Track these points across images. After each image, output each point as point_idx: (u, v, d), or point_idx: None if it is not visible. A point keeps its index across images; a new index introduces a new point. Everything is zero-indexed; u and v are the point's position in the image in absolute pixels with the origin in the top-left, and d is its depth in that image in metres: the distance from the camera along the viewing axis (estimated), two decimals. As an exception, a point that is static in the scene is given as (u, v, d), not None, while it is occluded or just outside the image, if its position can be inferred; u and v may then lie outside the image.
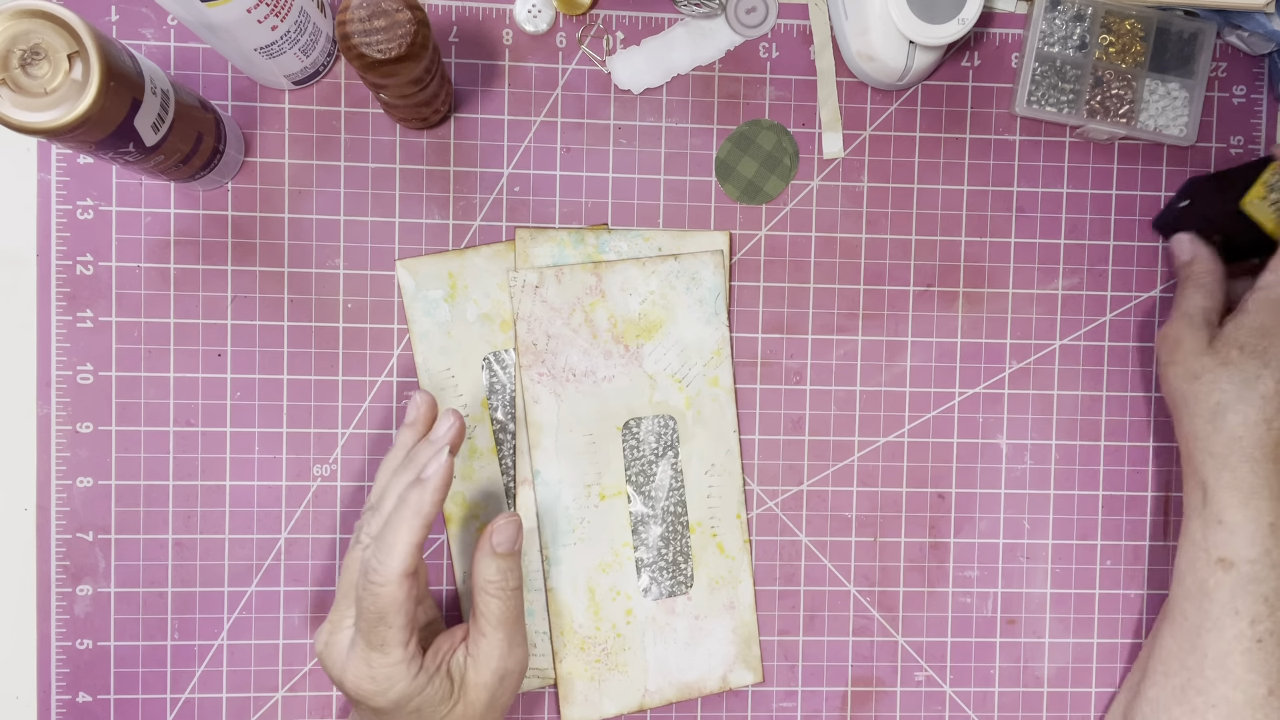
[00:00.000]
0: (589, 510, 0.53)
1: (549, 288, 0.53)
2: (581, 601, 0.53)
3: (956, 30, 0.48)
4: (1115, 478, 0.57)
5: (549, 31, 0.54)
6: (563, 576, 0.53)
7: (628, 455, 0.54)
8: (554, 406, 0.53)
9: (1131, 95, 0.54)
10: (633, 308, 0.53)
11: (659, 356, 0.53)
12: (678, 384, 0.54)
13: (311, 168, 0.53)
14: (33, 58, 0.37)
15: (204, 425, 0.53)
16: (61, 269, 0.52)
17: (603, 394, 0.53)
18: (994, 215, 0.56)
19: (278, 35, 0.46)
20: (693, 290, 0.53)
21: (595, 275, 0.53)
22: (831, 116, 0.55)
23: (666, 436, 0.54)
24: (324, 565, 0.54)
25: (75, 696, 0.53)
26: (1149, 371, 0.57)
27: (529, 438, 0.53)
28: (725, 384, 0.54)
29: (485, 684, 0.44)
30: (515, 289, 0.53)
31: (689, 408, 0.54)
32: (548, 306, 0.53)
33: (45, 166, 0.52)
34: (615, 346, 0.53)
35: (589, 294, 0.53)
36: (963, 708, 0.57)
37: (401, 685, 0.42)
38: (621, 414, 0.53)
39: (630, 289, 0.53)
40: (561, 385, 0.53)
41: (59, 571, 0.53)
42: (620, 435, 0.53)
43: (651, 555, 0.54)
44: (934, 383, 0.56)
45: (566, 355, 0.53)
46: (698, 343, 0.54)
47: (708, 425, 0.54)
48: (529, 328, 0.53)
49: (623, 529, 0.54)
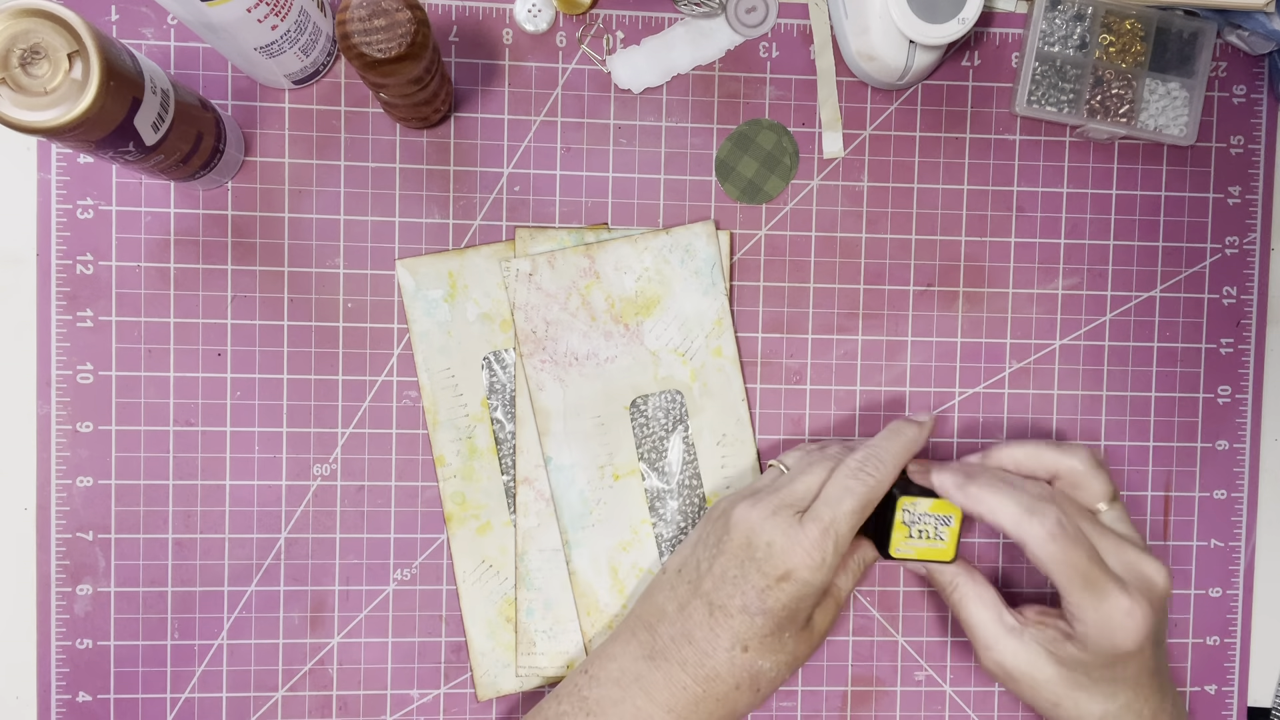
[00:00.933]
0: (604, 491, 0.54)
1: (543, 274, 0.53)
2: (605, 581, 0.54)
3: (956, 30, 0.48)
4: (1115, 477, 0.57)
5: (549, 31, 0.54)
6: (584, 558, 0.54)
7: (638, 433, 0.54)
8: (559, 393, 0.53)
9: (1131, 95, 0.54)
10: (629, 286, 0.53)
11: (660, 332, 0.54)
12: (681, 358, 0.54)
13: (311, 167, 0.53)
14: (33, 57, 0.37)
15: (204, 425, 0.53)
16: (61, 268, 0.52)
17: (607, 375, 0.53)
18: (994, 215, 0.56)
19: (278, 35, 0.46)
20: (687, 262, 0.53)
21: (588, 257, 0.53)
22: (831, 116, 0.55)
23: (675, 411, 0.54)
24: (324, 565, 0.54)
25: (75, 696, 0.53)
26: (1149, 371, 0.57)
27: (537, 425, 0.53)
28: (729, 353, 0.54)
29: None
30: (509, 278, 0.53)
31: (695, 380, 0.54)
32: (543, 293, 0.53)
33: (45, 166, 0.52)
34: (615, 327, 0.53)
35: (583, 276, 0.53)
36: (963, 708, 0.57)
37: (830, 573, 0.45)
38: (628, 393, 0.54)
39: (624, 267, 0.53)
40: (565, 371, 0.53)
41: (59, 571, 0.53)
42: (629, 414, 0.54)
43: (671, 530, 0.54)
44: (934, 383, 0.56)
45: (567, 340, 0.53)
46: (697, 315, 0.54)
47: (715, 396, 0.54)
48: (527, 316, 0.53)
49: (640, 507, 0.54)
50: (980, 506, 0.45)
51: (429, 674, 0.54)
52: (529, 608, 0.54)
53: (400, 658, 0.54)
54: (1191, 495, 0.57)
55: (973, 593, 0.47)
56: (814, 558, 0.44)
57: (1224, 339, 0.57)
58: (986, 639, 0.47)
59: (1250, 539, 0.58)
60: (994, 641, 0.46)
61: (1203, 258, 0.57)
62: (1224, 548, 0.58)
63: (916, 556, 0.47)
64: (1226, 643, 0.58)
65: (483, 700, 0.54)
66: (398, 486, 0.54)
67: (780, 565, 0.44)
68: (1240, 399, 0.57)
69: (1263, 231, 0.57)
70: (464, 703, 0.54)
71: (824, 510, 0.45)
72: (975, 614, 0.47)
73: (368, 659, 0.54)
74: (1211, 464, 0.57)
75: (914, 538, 0.47)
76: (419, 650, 0.54)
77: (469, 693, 0.54)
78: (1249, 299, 0.57)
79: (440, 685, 0.54)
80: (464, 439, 0.54)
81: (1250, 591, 0.58)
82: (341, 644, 0.54)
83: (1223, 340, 0.57)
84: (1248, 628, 0.58)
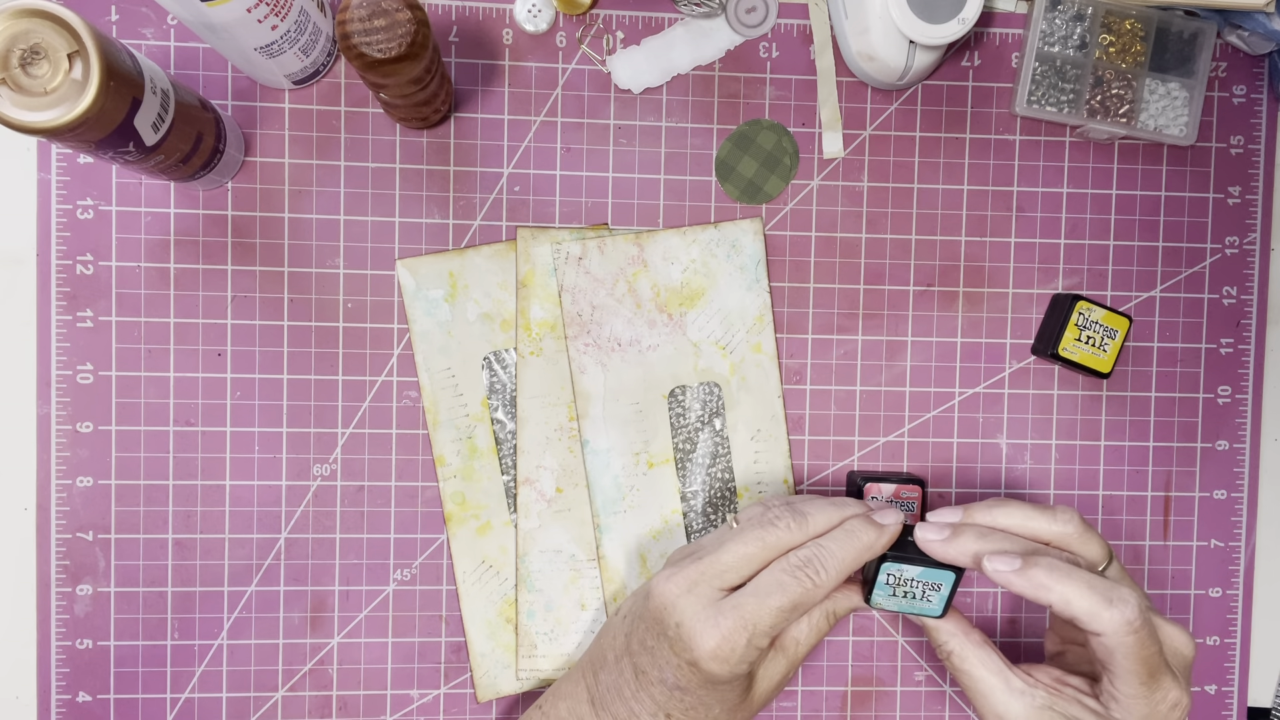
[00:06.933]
0: (638, 478, 0.54)
1: (592, 259, 0.53)
2: (634, 568, 0.54)
3: (956, 30, 0.48)
4: (1115, 478, 0.57)
5: (549, 31, 0.54)
6: (614, 544, 0.54)
7: (674, 423, 0.54)
8: (600, 376, 0.54)
9: (1131, 95, 0.54)
10: (675, 276, 0.54)
11: (702, 324, 0.54)
12: (722, 351, 0.54)
13: (311, 167, 0.53)
14: (33, 57, 0.37)
15: (204, 425, 0.53)
16: (61, 269, 0.52)
17: (648, 363, 0.54)
18: (994, 215, 0.56)
19: (278, 35, 0.46)
20: (733, 258, 0.54)
21: (637, 245, 0.54)
22: (831, 116, 0.55)
23: (712, 404, 0.54)
24: (324, 565, 0.54)
25: (75, 696, 0.53)
26: (1149, 371, 0.57)
27: (576, 408, 0.53)
28: (768, 350, 0.55)
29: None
30: (559, 261, 0.53)
31: (733, 374, 0.54)
32: (591, 278, 0.53)
33: (45, 166, 0.52)
34: (659, 315, 0.54)
35: (631, 264, 0.54)
36: (963, 708, 0.57)
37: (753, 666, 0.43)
38: (667, 382, 0.54)
39: (672, 258, 0.54)
40: (607, 355, 0.53)
41: (59, 571, 0.53)
42: (666, 404, 0.54)
43: (700, 521, 0.54)
44: (934, 383, 0.56)
45: (611, 325, 0.54)
46: (740, 309, 0.54)
47: (752, 391, 0.55)
48: (573, 299, 0.53)
49: (672, 496, 0.54)
50: (1049, 595, 0.40)
51: (429, 674, 0.54)
52: (530, 610, 0.54)
53: (400, 658, 0.54)
54: (1191, 495, 0.57)
55: (973, 654, 0.44)
56: (722, 650, 0.41)
57: (1224, 339, 0.57)
58: (995, 706, 0.43)
59: (1250, 539, 0.58)
60: (1002, 708, 0.43)
61: (1203, 258, 0.57)
62: (1224, 548, 0.58)
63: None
64: (1226, 643, 0.58)
65: (482, 701, 0.54)
66: (398, 486, 0.54)
67: (687, 650, 0.41)
68: (1240, 399, 0.57)
69: (1263, 231, 0.57)
70: (464, 703, 0.54)
71: (748, 602, 0.41)
72: (977, 677, 0.44)
73: (368, 659, 0.54)
74: (1211, 464, 0.57)
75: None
76: (419, 650, 0.54)
77: (469, 693, 0.54)
78: (1249, 299, 0.57)
79: (440, 686, 0.54)
80: (464, 439, 0.54)
81: (1250, 591, 0.58)
82: (341, 644, 0.54)
83: (1223, 340, 0.57)
84: (1248, 628, 0.58)
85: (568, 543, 0.54)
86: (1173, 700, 0.42)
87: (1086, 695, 0.44)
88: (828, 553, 0.42)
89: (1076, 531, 0.44)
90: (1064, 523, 0.44)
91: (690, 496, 0.54)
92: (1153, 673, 0.41)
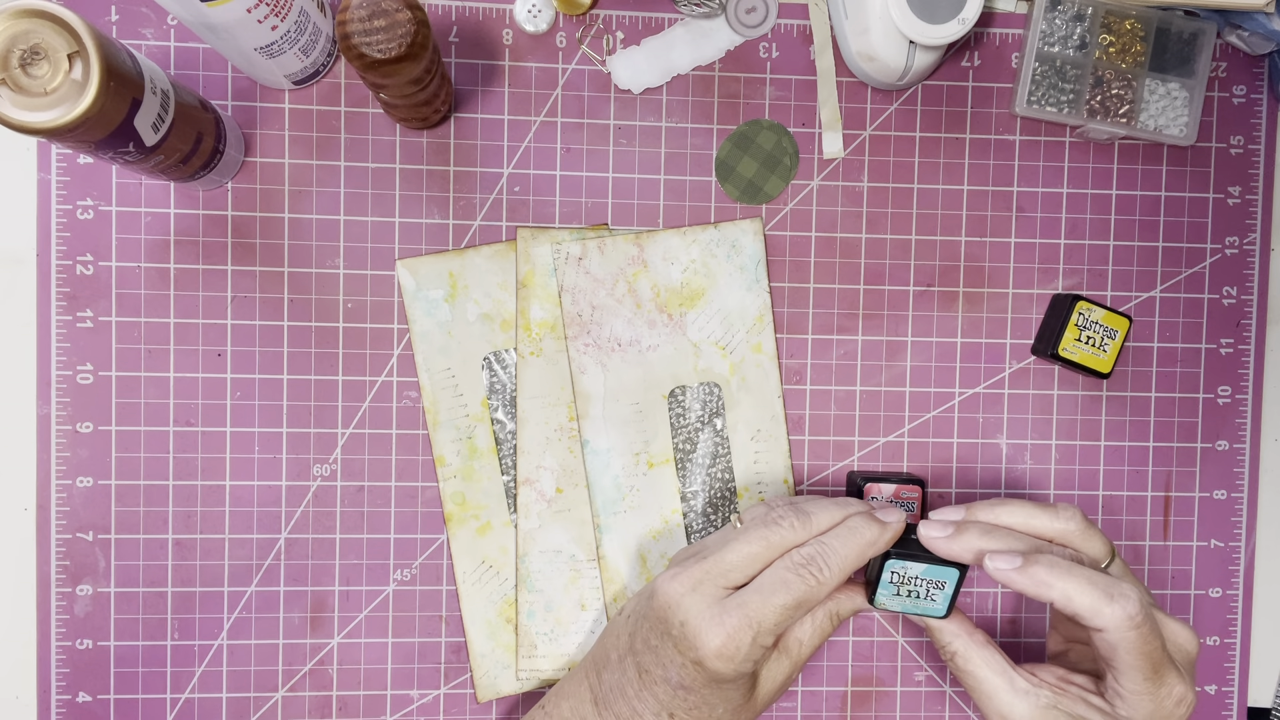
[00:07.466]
0: (638, 478, 0.54)
1: (592, 259, 0.53)
2: (634, 568, 0.54)
3: (956, 30, 0.48)
4: (1115, 478, 0.57)
5: (549, 31, 0.54)
6: (614, 544, 0.54)
7: (674, 423, 0.54)
8: (600, 376, 0.54)
9: (1131, 95, 0.54)
10: (675, 277, 0.54)
11: (702, 324, 0.54)
12: (721, 351, 0.54)
13: (311, 168, 0.53)
14: (33, 58, 0.37)
15: (204, 425, 0.53)
16: (61, 269, 0.52)
17: (648, 363, 0.54)
18: (994, 215, 0.56)
19: (278, 35, 0.46)
20: (733, 258, 0.54)
21: (637, 245, 0.54)
22: (831, 116, 0.55)
23: (712, 404, 0.54)
24: (324, 565, 0.54)
25: (75, 696, 0.53)
26: (1149, 371, 0.57)
27: (576, 408, 0.53)
28: (768, 350, 0.55)
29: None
30: (559, 261, 0.53)
31: (733, 374, 0.54)
32: (591, 278, 0.53)
33: (45, 166, 0.52)
34: (659, 316, 0.54)
35: (631, 264, 0.54)
36: (963, 708, 0.57)
37: (757, 664, 0.43)
38: (667, 382, 0.54)
39: (672, 258, 0.54)
40: (607, 355, 0.53)
41: (59, 571, 0.53)
42: (666, 404, 0.54)
43: (701, 521, 0.54)
44: (934, 383, 0.56)
45: (611, 325, 0.54)
46: (740, 309, 0.54)
47: (752, 391, 0.55)
48: (573, 299, 0.53)
49: (672, 496, 0.54)
50: (1051, 592, 0.41)
51: (429, 674, 0.54)
52: (530, 610, 0.54)
53: (400, 658, 0.54)
54: (1191, 495, 0.57)
55: (977, 655, 0.44)
56: (727, 649, 0.41)
57: (1224, 339, 0.57)
58: (999, 706, 0.43)
59: (1250, 539, 0.58)
60: (1006, 709, 0.43)
61: (1203, 258, 0.57)
62: (1224, 548, 0.58)
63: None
64: (1226, 643, 0.58)
65: (482, 702, 0.54)
66: (398, 487, 0.54)
67: (692, 649, 0.41)
68: (1240, 399, 0.57)
69: (1263, 232, 0.57)
70: (464, 703, 0.54)
71: (752, 600, 0.41)
72: (982, 677, 0.44)
73: (368, 659, 0.54)
74: (1211, 464, 0.57)
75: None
76: (419, 651, 0.54)
77: (469, 693, 0.54)
78: (1249, 299, 0.57)
79: (440, 686, 0.54)
80: (464, 439, 0.54)
81: (1250, 592, 0.58)
82: (341, 644, 0.54)
83: (1223, 340, 0.57)
84: (1248, 628, 0.58)
85: (568, 543, 0.54)
86: (1178, 696, 0.42)
87: (1091, 693, 0.44)
88: (831, 550, 0.42)
89: (1078, 529, 0.44)
90: (1066, 520, 0.44)
91: (690, 497, 0.54)
92: (1156, 668, 0.41)
